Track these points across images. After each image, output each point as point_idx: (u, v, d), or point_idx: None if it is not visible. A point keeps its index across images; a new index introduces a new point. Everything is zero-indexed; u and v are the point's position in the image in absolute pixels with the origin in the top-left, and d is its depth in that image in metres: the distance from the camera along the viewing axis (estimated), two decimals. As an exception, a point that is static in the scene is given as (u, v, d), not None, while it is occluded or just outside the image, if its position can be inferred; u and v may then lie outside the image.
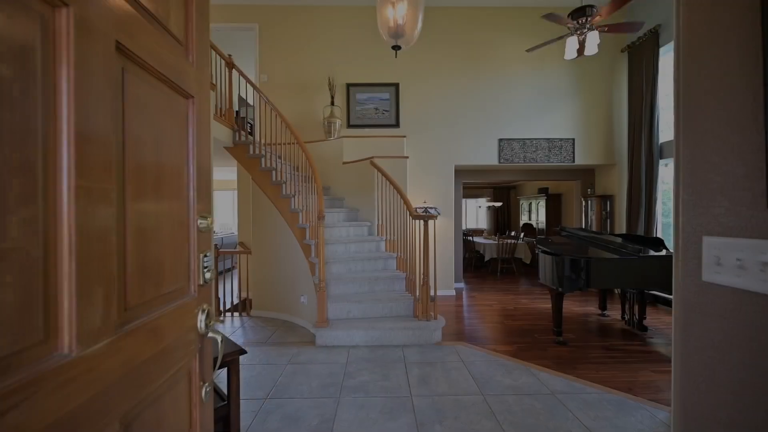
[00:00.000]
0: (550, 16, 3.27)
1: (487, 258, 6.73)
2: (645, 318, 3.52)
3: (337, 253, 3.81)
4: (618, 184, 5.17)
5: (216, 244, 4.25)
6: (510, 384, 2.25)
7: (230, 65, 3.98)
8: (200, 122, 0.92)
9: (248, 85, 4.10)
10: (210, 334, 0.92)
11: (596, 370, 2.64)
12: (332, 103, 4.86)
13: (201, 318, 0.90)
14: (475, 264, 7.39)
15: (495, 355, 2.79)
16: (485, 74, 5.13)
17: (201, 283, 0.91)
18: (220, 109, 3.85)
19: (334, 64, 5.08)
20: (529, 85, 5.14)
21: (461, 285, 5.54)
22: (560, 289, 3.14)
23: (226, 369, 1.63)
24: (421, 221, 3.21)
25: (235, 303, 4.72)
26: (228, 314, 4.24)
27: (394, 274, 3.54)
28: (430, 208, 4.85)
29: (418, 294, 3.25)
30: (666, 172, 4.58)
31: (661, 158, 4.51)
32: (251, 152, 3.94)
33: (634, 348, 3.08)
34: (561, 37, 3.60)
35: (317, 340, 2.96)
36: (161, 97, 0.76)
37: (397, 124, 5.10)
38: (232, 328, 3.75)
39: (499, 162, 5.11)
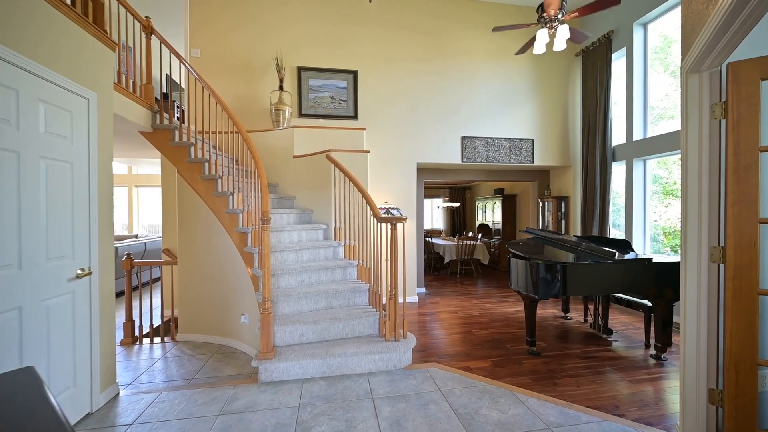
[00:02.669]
0: (498, 29, 3.20)
1: (447, 260, 6.55)
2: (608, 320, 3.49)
3: (287, 263, 3.21)
4: (573, 186, 5.25)
5: (129, 254, 3.37)
6: (499, 419, 1.90)
7: (148, 29, 3.17)
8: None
9: (178, 62, 3.32)
10: None
11: (577, 385, 2.47)
12: (281, 88, 4.22)
13: None
14: (434, 266, 7.18)
15: (473, 378, 2.45)
16: (449, 68, 4.87)
17: None
18: (134, 83, 3.04)
19: (283, 43, 4.43)
20: (492, 82, 4.99)
21: (423, 290, 5.24)
22: (535, 296, 2.92)
23: None
24: (388, 225, 2.78)
25: (156, 325, 3.85)
26: (146, 340, 3.40)
27: (355, 285, 3.05)
28: (392, 208, 4.45)
29: (384, 309, 2.81)
30: (617, 174, 4.69)
31: (614, 161, 4.62)
32: (176, 139, 3.17)
33: (604, 354, 2.99)
34: (529, 25, 3.43)
35: (261, 375, 2.36)
36: None
37: (355, 116, 4.61)
38: (149, 360, 2.96)
39: (463, 161, 4.88)
